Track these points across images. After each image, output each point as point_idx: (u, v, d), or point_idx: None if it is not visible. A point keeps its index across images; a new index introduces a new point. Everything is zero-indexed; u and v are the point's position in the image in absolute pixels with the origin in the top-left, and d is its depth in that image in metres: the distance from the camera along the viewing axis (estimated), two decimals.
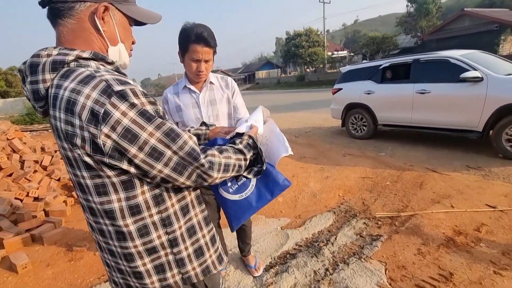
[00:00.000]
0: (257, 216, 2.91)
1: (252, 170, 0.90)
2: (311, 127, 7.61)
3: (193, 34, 1.36)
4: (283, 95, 21.13)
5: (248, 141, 0.89)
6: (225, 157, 0.77)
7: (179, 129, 0.68)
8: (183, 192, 0.81)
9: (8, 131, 4.08)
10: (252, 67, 54.24)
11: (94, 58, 0.69)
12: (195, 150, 0.69)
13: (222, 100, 1.63)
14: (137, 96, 0.63)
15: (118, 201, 0.69)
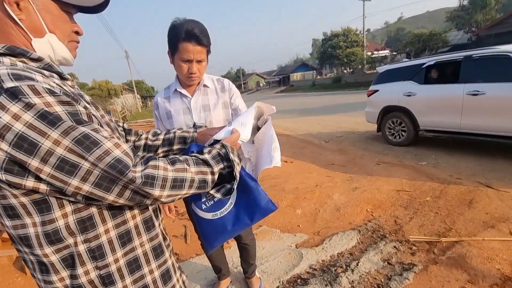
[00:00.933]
0: (270, 230, 2.68)
1: (223, 188, 0.75)
2: (344, 132, 7.12)
3: (183, 31, 1.19)
4: (317, 98, 20.47)
5: (219, 151, 0.74)
6: (177, 169, 0.63)
7: (102, 135, 0.56)
8: (123, 214, 0.66)
9: None
10: (287, 69, 53.82)
11: (10, 53, 0.58)
12: (121, 161, 0.55)
13: (217, 105, 1.46)
14: (38, 94, 0.51)
15: (33, 226, 0.58)
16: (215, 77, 1.51)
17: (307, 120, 9.98)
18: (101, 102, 17.76)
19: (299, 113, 12.05)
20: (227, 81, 1.51)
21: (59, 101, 0.53)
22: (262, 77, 66.22)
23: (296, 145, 6.28)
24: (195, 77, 1.33)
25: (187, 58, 1.26)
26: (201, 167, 0.68)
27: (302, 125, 8.93)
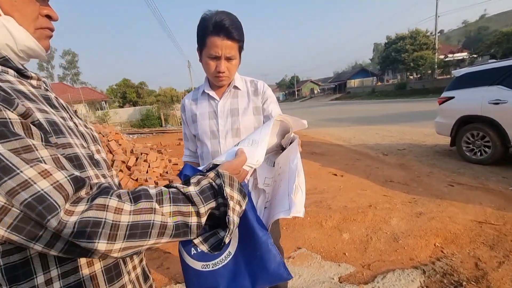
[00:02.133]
0: (310, 254, 2.34)
1: (212, 237, 0.56)
2: (407, 144, 6.24)
3: (211, 24, 1.05)
4: (376, 105, 18.89)
5: (213, 182, 0.56)
6: (139, 210, 0.45)
7: (26, 158, 0.40)
8: (75, 259, 0.50)
9: (109, 134, 4.82)
10: (344, 75, 51.43)
11: None
12: (44, 199, 0.38)
13: (247, 110, 1.28)
14: None
15: None
16: (249, 79, 1.34)
17: (364, 129, 9.15)
18: (164, 108, 19.48)
19: (354, 122, 11.18)
20: (261, 83, 1.33)
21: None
22: (317, 84, 64.66)
23: (349, 156, 5.72)
24: (223, 77, 1.17)
25: (215, 54, 1.10)
26: (181, 205, 0.50)
27: (357, 135, 8.19)
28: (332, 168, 4.90)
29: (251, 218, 0.61)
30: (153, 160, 4.80)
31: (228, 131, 1.26)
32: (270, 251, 0.60)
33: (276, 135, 0.77)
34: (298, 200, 0.64)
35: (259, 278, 0.59)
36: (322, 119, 13.82)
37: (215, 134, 1.27)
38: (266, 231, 0.63)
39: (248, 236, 0.60)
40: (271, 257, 0.59)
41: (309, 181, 4.23)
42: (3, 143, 0.39)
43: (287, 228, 2.78)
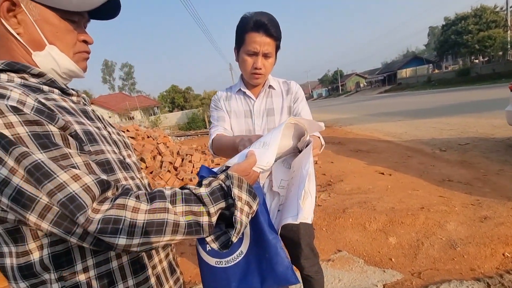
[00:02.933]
0: (351, 257, 2.21)
1: (223, 235, 0.60)
2: (471, 138, 5.49)
3: (252, 21, 1.10)
4: (433, 96, 17.03)
5: (223, 183, 0.59)
6: (154, 210, 0.50)
7: (61, 164, 0.47)
8: (104, 251, 0.56)
9: (158, 137, 5.23)
10: (393, 65, 47.44)
11: (10, 69, 0.56)
12: (74, 200, 0.45)
13: (283, 109, 1.29)
14: (2, 114, 0.45)
15: (10, 256, 0.53)
16: (281, 80, 1.35)
17: (417, 123, 8.32)
18: (208, 110, 20.42)
19: (406, 115, 10.24)
20: (293, 83, 1.32)
21: (25, 120, 0.47)
22: (362, 76, 60.93)
23: (399, 153, 5.25)
24: (260, 74, 1.18)
25: (253, 50, 1.13)
26: (192, 205, 0.54)
27: (410, 130, 7.49)
28: (379, 166, 4.56)
29: (262, 220, 0.62)
30: (197, 160, 5.06)
31: (264, 131, 1.27)
32: (278, 254, 0.60)
33: (292, 138, 0.75)
34: (306, 206, 0.63)
35: (267, 279, 0.60)
36: (368, 114, 12.98)
37: (250, 133, 1.28)
38: (276, 234, 0.63)
39: (259, 238, 0.61)
40: (279, 260, 0.60)
41: (352, 181, 4.01)
42: (45, 152, 0.47)
43: (327, 230, 2.68)
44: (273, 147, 0.64)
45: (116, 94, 38.87)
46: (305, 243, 1.32)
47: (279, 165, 0.80)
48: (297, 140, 0.77)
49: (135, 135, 5.14)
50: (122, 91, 46.38)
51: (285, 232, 1.31)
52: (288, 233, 1.32)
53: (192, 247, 2.69)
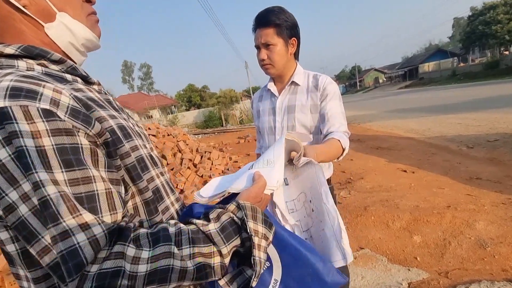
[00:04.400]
0: (374, 255, 2.18)
1: (240, 276, 0.52)
2: (500, 134, 5.21)
3: (254, 21, 1.16)
4: (458, 91, 16.25)
5: (234, 216, 0.51)
6: (157, 257, 0.42)
7: (75, 201, 0.40)
8: None
9: (178, 135, 5.36)
10: (415, 60, 45.62)
11: (28, 54, 0.49)
12: (76, 255, 0.38)
13: (304, 106, 1.21)
14: (30, 119, 0.39)
15: (26, 280, 0.47)
16: (313, 73, 1.26)
17: (441, 119, 7.99)
18: (225, 108, 20.62)
19: (429, 111, 9.85)
20: (323, 78, 1.22)
21: (54, 129, 0.40)
22: (381, 72, 59.01)
23: (422, 150, 5.08)
24: (266, 65, 1.19)
25: (256, 45, 1.18)
26: (201, 246, 0.46)
27: (433, 126, 7.21)
28: (401, 164, 4.43)
29: (286, 236, 0.56)
30: (215, 158, 5.15)
31: (284, 128, 1.25)
32: (325, 263, 0.56)
33: (286, 152, 0.70)
34: (347, 245, 0.62)
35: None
36: (388, 110, 12.60)
37: (272, 131, 1.29)
38: (307, 244, 0.59)
39: (291, 256, 0.55)
40: (325, 269, 0.55)
41: (373, 178, 3.93)
42: (67, 172, 0.40)
43: (348, 227, 2.65)
44: (278, 163, 0.59)
45: (135, 93, 40.05)
46: None
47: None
48: (288, 153, 0.71)
49: (156, 133, 5.30)
50: (141, 91, 47.72)
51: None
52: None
53: None
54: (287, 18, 1.13)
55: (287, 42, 1.16)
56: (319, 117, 1.20)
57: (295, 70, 1.24)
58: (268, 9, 1.13)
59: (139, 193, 0.53)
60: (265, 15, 1.12)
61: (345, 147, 1.09)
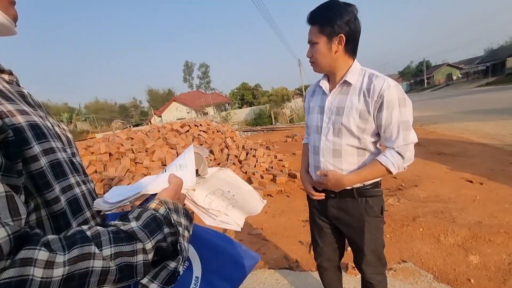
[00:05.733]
0: (418, 270, 1.99)
1: (163, 270, 0.48)
2: None
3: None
4: None
5: (155, 213, 0.49)
6: (74, 259, 0.37)
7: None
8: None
9: (226, 132, 5.64)
10: (501, 53, 38.66)
11: None
12: None
13: (353, 109, 1.13)
14: None
15: None
16: (369, 72, 1.14)
17: None
18: (275, 107, 20.75)
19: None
20: (380, 82, 1.08)
21: None
22: (456, 67, 51.66)
23: (497, 159, 4.36)
24: (312, 63, 1.20)
25: (307, 41, 1.19)
26: (123, 245, 0.43)
27: None
28: (466, 173, 3.89)
29: (203, 233, 0.61)
30: (260, 155, 5.27)
31: (330, 129, 1.21)
32: (236, 248, 0.61)
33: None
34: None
35: (234, 275, 0.58)
36: (460, 111, 11.03)
37: (318, 130, 1.26)
38: (229, 239, 0.65)
39: (206, 249, 0.58)
40: (240, 252, 0.61)
41: (429, 187, 3.55)
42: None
43: (391, 237, 2.47)
44: (191, 167, 0.62)
45: (193, 92, 43.09)
46: (369, 249, 1.27)
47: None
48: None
49: (206, 129, 5.67)
50: (199, 89, 51.08)
51: (351, 234, 1.30)
52: (353, 235, 1.29)
53: None
54: (335, 15, 1.07)
55: (331, 39, 1.10)
56: (377, 127, 1.14)
57: (350, 68, 1.15)
58: (318, 6, 1.12)
59: (46, 205, 0.46)
60: (312, 12, 1.13)
61: (392, 169, 1.11)
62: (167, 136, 5.27)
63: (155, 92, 48.94)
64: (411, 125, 1.11)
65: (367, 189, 1.24)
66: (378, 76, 1.11)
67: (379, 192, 1.26)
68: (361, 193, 1.23)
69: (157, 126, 5.90)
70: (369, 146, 1.19)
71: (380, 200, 1.27)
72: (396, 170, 1.12)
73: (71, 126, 24.21)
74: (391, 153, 1.12)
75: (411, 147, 1.12)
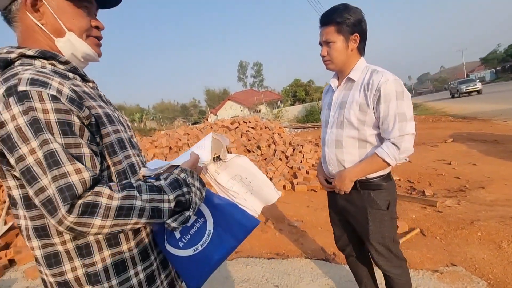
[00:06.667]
0: (468, 275, 1.82)
1: (181, 216, 0.66)
2: None
3: (319, 19, 1.27)
4: None
5: (177, 176, 0.67)
6: (125, 197, 0.57)
7: (70, 156, 0.54)
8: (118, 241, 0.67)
9: (274, 128, 5.79)
10: None
11: (42, 56, 0.65)
12: (71, 188, 0.52)
13: (353, 103, 1.22)
14: (42, 100, 0.54)
15: (24, 219, 0.62)
16: (372, 68, 1.22)
17: None
18: None
19: None
20: (379, 77, 1.15)
21: (56, 108, 0.55)
22: None
23: None
24: (325, 61, 1.29)
25: (319, 42, 1.28)
26: (155, 194, 0.61)
27: None
28: None
29: (214, 198, 0.77)
30: (307, 151, 5.26)
31: (334, 123, 1.31)
32: (241, 213, 0.76)
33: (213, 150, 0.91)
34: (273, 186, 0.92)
35: (238, 232, 0.73)
36: None
37: (326, 124, 1.38)
38: (229, 200, 0.81)
39: (218, 210, 0.75)
40: (244, 216, 0.75)
41: (500, 190, 3.11)
42: (64, 138, 0.55)
43: (441, 239, 2.28)
44: (207, 148, 0.80)
45: (247, 90, 44.30)
46: (375, 240, 1.29)
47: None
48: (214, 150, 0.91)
49: (255, 126, 5.91)
50: (252, 88, 52.32)
51: (358, 224, 1.34)
52: (359, 226, 1.34)
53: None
54: (350, 16, 1.17)
55: (348, 38, 1.20)
56: (377, 119, 1.19)
57: (355, 66, 1.24)
58: (331, 8, 1.21)
59: (113, 165, 0.66)
60: (327, 14, 1.20)
61: (388, 160, 1.14)
62: (218, 132, 5.69)
63: (212, 92, 51.89)
64: (408, 117, 1.14)
65: (370, 182, 1.25)
66: (379, 72, 1.18)
67: (385, 186, 1.26)
68: (364, 185, 1.26)
69: (209, 123, 6.39)
70: (369, 138, 1.22)
71: (387, 194, 1.26)
72: (393, 160, 1.14)
73: (142, 124, 27.50)
74: (387, 145, 1.15)
75: (408, 138, 1.13)
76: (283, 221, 3.12)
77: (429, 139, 6.83)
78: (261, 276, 2.16)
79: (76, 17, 0.68)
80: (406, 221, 2.64)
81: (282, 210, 3.41)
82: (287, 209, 3.42)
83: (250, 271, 2.25)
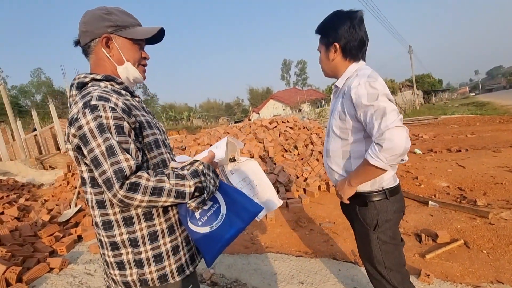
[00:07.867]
0: None
1: (198, 198, 0.84)
2: None
3: None
4: None
5: (197, 168, 0.85)
6: (158, 180, 0.77)
7: (123, 149, 0.76)
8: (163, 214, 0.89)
9: (312, 128, 5.74)
10: None
11: (106, 79, 0.88)
12: (122, 170, 0.73)
13: (335, 111, 1.22)
14: (105, 111, 0.77)
15: (90, 194, 0.86)
16: (358, 73, 1.14)
17: None
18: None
19: None
20: (355, 84, 1.09)
21: (114, 116, 0.77)
22: None
23: None
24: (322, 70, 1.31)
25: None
26: (179, 180, 0.80)
27: None
28: None
29: (226, 187, 0.92)
30: None
31: (327, 130, 1.32)
32: (247, 201, 0.90)
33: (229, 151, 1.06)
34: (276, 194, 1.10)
35: (245, 217, 0.87)
36: None
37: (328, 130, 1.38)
38: (238, 190, 0.95)
39: (230, 198, 0.89)
40: (247, 201, 0.90)
41: None
42: (118, 136, 0.76)
43: (488, 254, 2.08)
44: (222, 148, 0.98)
45: (290, 89, 43.95)
46: (363, 257, 1.29)
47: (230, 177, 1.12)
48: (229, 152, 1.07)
49: (293, 126, 5.91)
50: (295, 86, 51.73)
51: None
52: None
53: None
54: (329, 27, 1.18)
55: (328, 48, 1.20)
56: (363, 123, 1.11)
57: (344, 73, 1.20)
58: (327, 17, 1.22)
59: (150, 159, 0.87)
60: (319, 24, 1.24)
61: (372, 161, 1.02)
62: (256, 132, 5.83)
63: (255, 91, 52.68)
64: (386, 111, 1.00)
65: (359, 194, 1.18)
66: (357, 76, 1.11)
67: (376, 204, 1.16)
68: (352, 197, 1.20)
69: (248, 123, 6.58)
70: (353, 147, 1.17)
71: (375, 213, 1.16)
72: (378, 161, 1.00)
73: (189, 122, 29.27)
74: (371, 146, 1.04)
75: (388, 133, 0.97)
76: (315, 221, 3.13)
77: (492, 142, 6.07)
78: (287, 271, 2.24)
79: (132, 51, 0.93)
80: (448, 231, 2.45)
81: (315, 211, 3.42)
82: (320, 210, 3.41)
83: (278, 266, 2.34)
